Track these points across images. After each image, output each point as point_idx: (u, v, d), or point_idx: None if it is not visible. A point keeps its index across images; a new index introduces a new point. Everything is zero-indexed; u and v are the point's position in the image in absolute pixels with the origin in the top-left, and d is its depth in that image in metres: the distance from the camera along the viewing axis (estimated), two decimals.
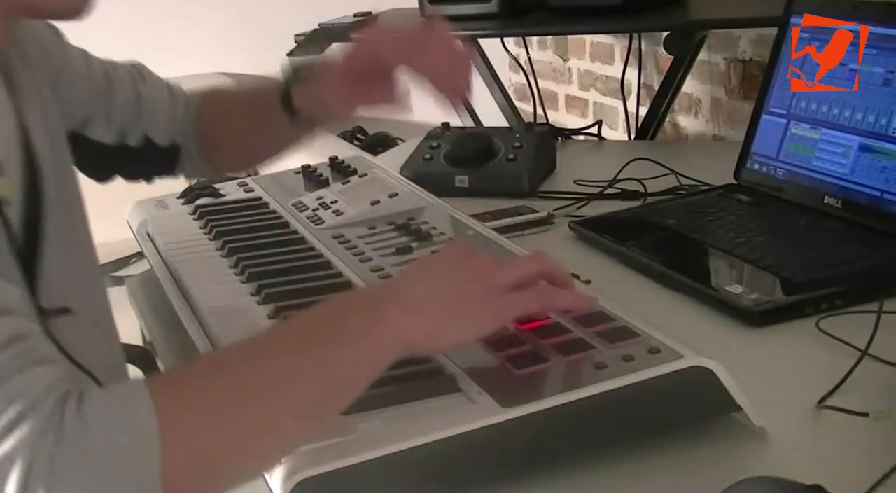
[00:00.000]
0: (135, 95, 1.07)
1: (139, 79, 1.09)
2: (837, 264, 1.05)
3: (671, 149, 1.94)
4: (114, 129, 1.05)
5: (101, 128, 1.04)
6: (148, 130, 1.08)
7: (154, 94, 1.09)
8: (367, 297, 0.76)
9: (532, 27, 2.09)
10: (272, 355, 0.67)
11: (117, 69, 1.07)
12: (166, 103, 1.10)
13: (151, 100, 1.08)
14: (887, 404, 0.79)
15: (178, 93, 1.12)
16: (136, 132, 1.07)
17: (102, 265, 0.91)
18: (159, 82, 1.11)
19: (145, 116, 1.07)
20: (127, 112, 1.06)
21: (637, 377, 0.73)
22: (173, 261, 1.11)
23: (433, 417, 0.71)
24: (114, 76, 1.06)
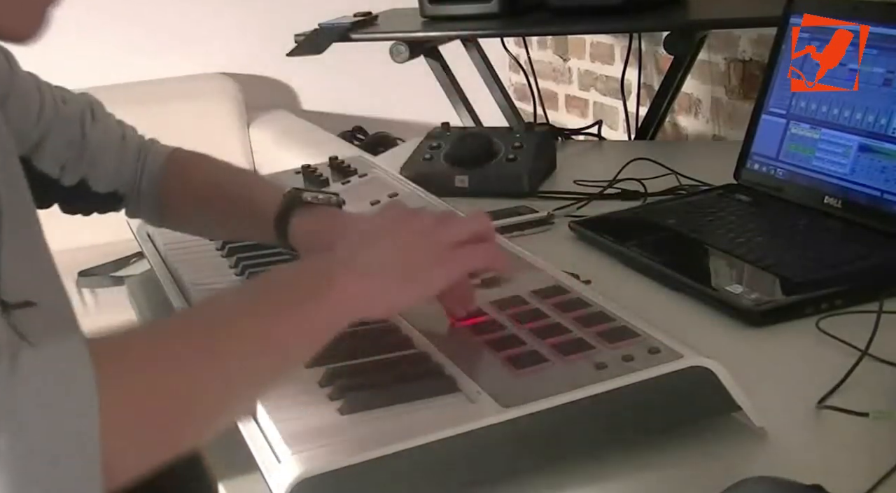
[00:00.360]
0: (79, 135, 1.02)
1: (89, 119, 1.04)
2: (837, 264, 1.05)
3: (671, 149, 1.94)
4: (56, 163, 1.01)
5: (46, 159, 1.00)
6: (87, 174, 1.03)
7: (101, 138, 1.04)
8: (317, 266, 0.75)
9: (532, 27, 2.09)
10: (219, 319, 0.67)
11: (67, 103, 1.03)
12: (112, 151, 1.05)
13: (97, 144, 1.03)
14: (887, 404, 0.79)
15: (130, 141, 1.07)
16: (73, 173, 1.02)
17: (102, 265, 0.92)
18: (111, 126, 1.07)
19: (86, 159, 1.03)
20: (68, 150, 1.02)
21: (637, 377, 0.73)
22: (173, 261, 1.11)
23: (433, 417, 0.71)
24: (62, 110, 1.02)
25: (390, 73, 2.25)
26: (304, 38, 1.94)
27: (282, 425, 0.72)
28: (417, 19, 1.96)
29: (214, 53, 3.10)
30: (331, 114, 3.22)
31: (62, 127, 1.01)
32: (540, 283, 0.91)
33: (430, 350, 0.81)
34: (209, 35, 3.08)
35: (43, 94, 1.01)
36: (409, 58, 1.92)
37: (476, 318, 0.85)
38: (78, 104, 1.05)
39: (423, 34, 1.95)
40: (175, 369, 0.62)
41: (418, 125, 2.27)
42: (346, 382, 0.76)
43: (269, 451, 0.70)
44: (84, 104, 1.05)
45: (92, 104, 1.06)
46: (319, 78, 3.14)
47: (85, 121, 1.04)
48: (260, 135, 2.98)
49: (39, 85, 1.01)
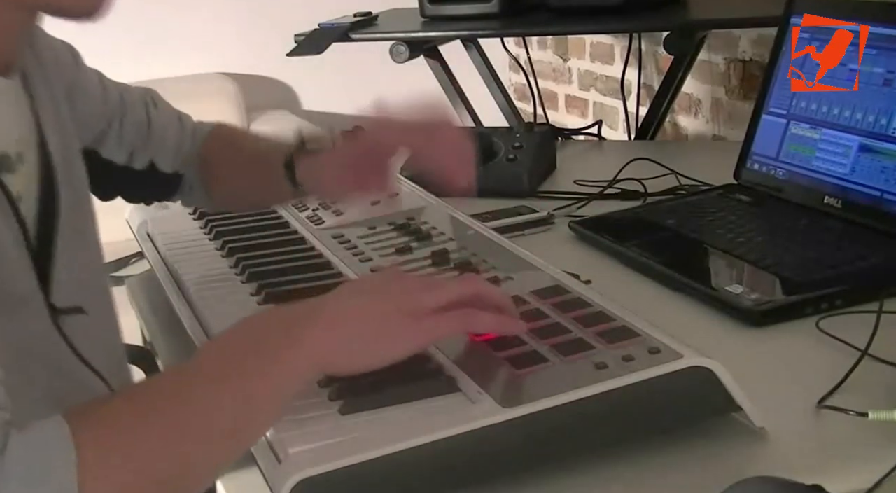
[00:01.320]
0: (146, 119, 1.07)
1: (151, 104, 1.09)
2: (837, 264, 1.05)
3: (671, 149, 1.94)
4: (124, 150, 1.05)
5: (113, 147, 1.04)
6: (155, 156, 1.08)
7: (164, 121, 1.09)
8: (286, 317, 0.74)
9: (532, 27, 2.09)
10: (192, 388, 0.68)
11: (131, 92, 1.07)
12: (175, 132, 1.09)
13: (161, 127, 1.08)
14: (887, 405, 0.79)
15: (186, 123, 1.12)
16: (142, 157, 1.07)
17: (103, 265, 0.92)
18: (170, 111, 1.11)
19: (154, 142, 1.07)
20: (137, 135, 1.06)
21: (637, 377, 0.73)
22: (173, 261, 1.11)
23: (433, 417, 0.71)
24: (127, 98, 1.06)
25: (390, 73, 2.25)
26: (304, 38, 1.94)
27: (282, 425, 0.72)
28: (417, 19, 1.96)
29: (214, 53, 3.10)
30: (331, 114, 3.22)
31: (130, 113, 1.05)
32: (540, 283, 0.91)
33: (430, 350, 0.81)
34: (209, 35, 3.08)
35: (106, 86, 1.04)
36: (409, 58, 1.92)
37: None
38: (140, 92, 1.09)
39: (423, 34, 1.95)
40: (152, 447, 0.64)
41: None
42: (346, 382, 0.76)
43: (269, 451, 0.70)
44: (145, 92, 1.10)
45: (151, 92, 1.11)
46: (319, 78, 3.14)
47: (149, 106, 1.08)
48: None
49: (102, 78, 1.05)
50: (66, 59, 0.98)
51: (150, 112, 1.08)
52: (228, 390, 0.67)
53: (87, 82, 1.02)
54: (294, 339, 0.70)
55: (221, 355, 0.71)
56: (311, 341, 0.70)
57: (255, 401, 0.68)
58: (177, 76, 3.01)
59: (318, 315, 0.72)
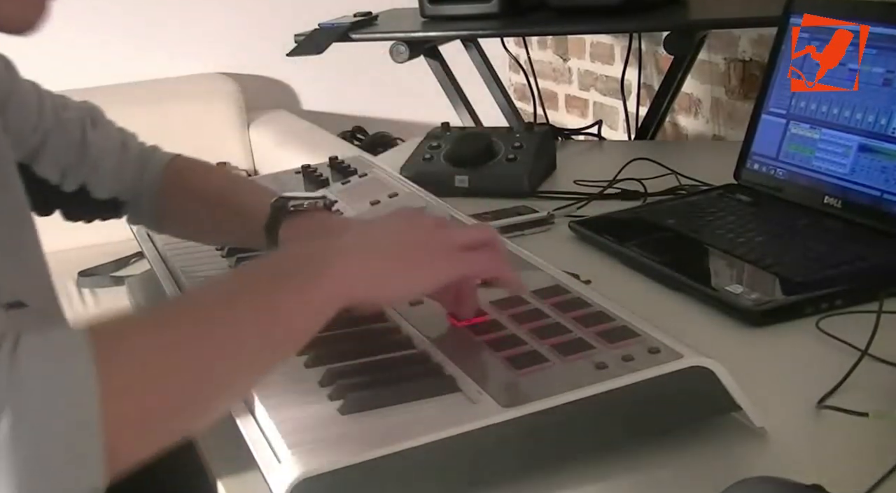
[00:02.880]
0: (80, 140, 1.03)
1: (89, 125, 1.04)
2: (837, 264, 1.05)
3: (671, 149, 1.94)
4: (56, 169, 1.02)
5: (46, 165, 1.01)
6: (86, 179, 1.03)
7: (102, 144, 1.04)
8: (317, 246, 0.75)
9: (532, 27, 2.09)
10: (216, 304, 0.66)
11: (68, 109, 1.04)
12: (112, 157, 1.05)
13: (97, 150, 1.04)
14: (887, 405, 0.79)
15: (132, 148, 1.07)
16: (73, 179, 1.03)
17: (102, 265, 0.92)
18: (111, 133, 1.07)
19: (87, 165, 1.03)
20: (69, 156, 1.02)
21: (637, 377, 0.73)
22: (173, 261, 1.11)
23: (433, 417, 0.71)
24: (63, 115, 1.02)
25: (390, 73, 2.25)
26: (304, 38, 1.94)
27: (282, 425, 0.72)
28: (417, 19, 1.97)
29: (214, 53, 3.10)
30: (331, 114, 3.22)
31: (63, 132, 1.02)
32: (540, 283, 0.91)
33: (430, 350, 0.81)
34: (209, 35, 3.09)
35: (42, 100, 1.01)
36: (409, 58, 1.92)
37: (476, 318, 0.85)
38: (78, 111, 1.05)
39: (423, 34, 1.95)
40: (175, 352, 0.62)
41: (418, 125, 2.27)
42: (346, 382, 0.76)
43: (269, 451, 0.70)
44: (84, 111, 1.06)
45: (92, 111, 1.07)
46: (319, 78, 3.14)
47: (85, 126, 1.04)
48: (260, 135, 2.98)
49: (39, 92, 1.02)
50: (0, 73, 0.96)
51: (87, 133, 1.03)
52: (258, 307, 0.66)
53: (21, 94, 0.99)
54: (325, 266, 0.70)
55: (250, 275, 0.70)
56: (343, 268, 0.70)
57: (282, 320, 0.67)
58: (177, 76, 3.02)
59: (349, 245, 0.72)
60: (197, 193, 1.07)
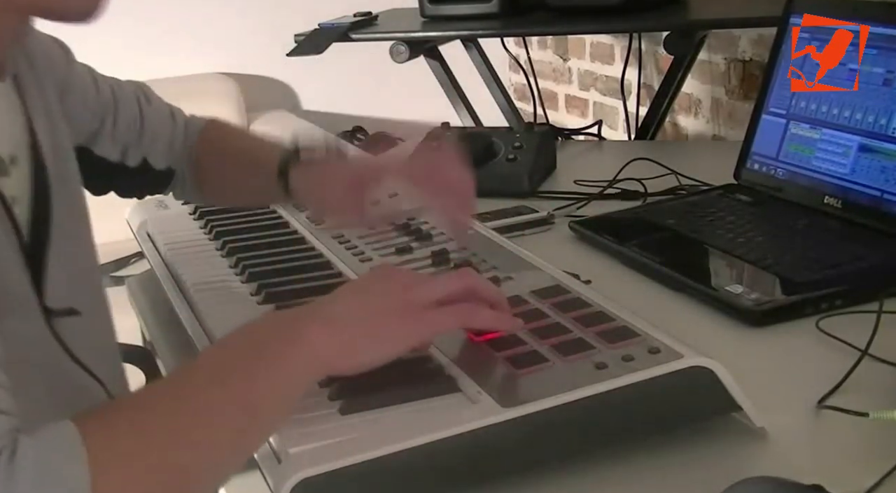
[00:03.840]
0: (138, 116, 1.06)
1: (144, 100, 1.08)
2: (837, 264, 1.05)
3: (671, 149, 1.94)
4: (117, 147, 1.04)
5: (106, 144, 1.03)
6: (147, 152, 1.06)
7: (156, 117, 1.08)
8: (286, 318, 0.75)
9: (532, 27, 2.09)
10: (195, 391, 0.67)
11: (122, 88, 1.06)
12: (167, 128, 1.08)
13: (154, 123, 1.07)
14: (887, 405, 0.79)
15: (178, 118, 1.11)
16: (135, 153, 1.06)
17: (102, 265, 0.92)
18: (162, 106, 1.10)
19: (147, 138, 1.06)
20: (130, 133, 1.05)
21: (637, 377, 0.73)
22: (173, 261, 1.11)
23: (433, 417, 0.71)
24: (119, 94, 1.05)
25: (390, 73, 2.25)
26: (304, 38, 1.94)
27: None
28: (417, 19, 1.97)
29: (214, 53, 3.10)
30: (331, 114, 3.22)
31: (122, 110, 1.04)
32: (540, 283, 0.91)
33: (430, 351, 0.81)
34: (209, 35, 3.08)
35: (98, 82, 1.03)
36: (409, 58, 1.92)
37: None
38: (132, 88, 1.08)
39: (423, 34, 1.95)
40: (159, 448, 0.63)
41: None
42: (346, 382, 0.76)
43: (269, 451, 0.70)
44: (136, 87, 1.09)
45: (142, 87, 1.10)
46: (319, 78, 3.14)
47: (141, 102, 1.07)
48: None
49: (94, 74, 1.04)
50: (58, 58, 0.97)
51: (143, 108, 1.07)
52: (230, 393, 0.67)
53: (79, 80, 1.01)
54: (295, 340, 0.70)
55: (222, 358, 0.71)
56: (312, 341, 0.70)
57: (258, 403, 0.68)
58: (177, 76, 3.01)
59: (316, 316, 0.72)
60: (225, 154, 1.10)
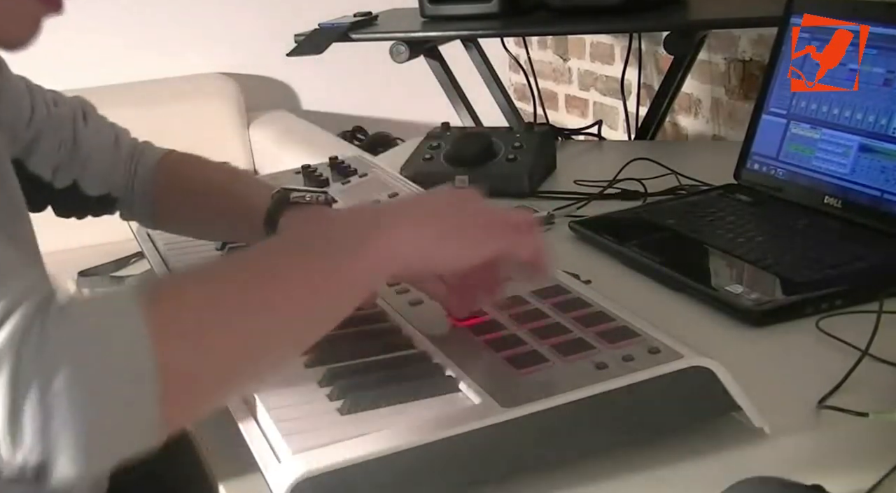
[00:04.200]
0: (71, 137, 1.02)
1: (81, 121, 1.03)
2: (837, 264, 1.05)
3: (671, 149, 1.94)
4: (48, 166, 1.01)
5: (38, 161, 1.00)
6: (78, 176, 1.03)
7: (94, 141, 1.04)
8: (369, 210, 0.76)
9: (532, 27, 2.09)
10: (268, 266, 0.66)
11: (59, 104, 1.03)
12: (105, 154, 1.04)
13: (89, 147, 1.03)
14: (887, 404, 0.79)
15: (123, 143, 1.07)
16: (65, 175, 1.02)
17: (102, 265, 0.91)
18: (104, 130, 1.06)
19: (79, 161, 1.02)
20: (60, 153, 1.01)
21: (637, 377, 0.73)
22: (173, 261, 1.11)
23: (433, 417, 0.71)
24: (54, 111, 1.01)
25: (390, 73, 2.25)
26: (304, 38, 1.94)
27: (282, 425, 0.72)
28: (417, 19, 1.96)
29: (214, 53, 3.10)
30: (331, 114, 3.22)
31: (54, 128, 1.01)
32: (540, 283, 0.91)
33: (430, 350, 0.81)
34: (209, 35, 3.08)
35: (34, 95, 1.00)
36: (409, 58, 1.92)
37: (476, 318, 0.85)
38: (70, 106, 1.04)
39: (423, 34, 1.95)
40: (225, 321, 0.62)
41: (418, 125, 2.27)
42: (346, 382, 0.76)
43: (269, 451, 0.70)
44: (76, 106, 1.05)
45: (84, 106, 1.06)
46: (319, 78, 3.14)
47: (77, 122, 1.03)
48: (260, 135, 2.98)
49: (30, 87, 1.01)
50: None
51: (78, 130, 1.03)
52: (312, 265, 0.66)
53: (12, 91, 0.98)
54: (378, 228, 0.70)
55: (303, 238, 0.71)
56: (396, 234, 0.70)
57: (337, 280, 0.67)
58: (177, 76, 3.01)
59: (401, 212, 0.73)
60: (194, 186, 1.07)
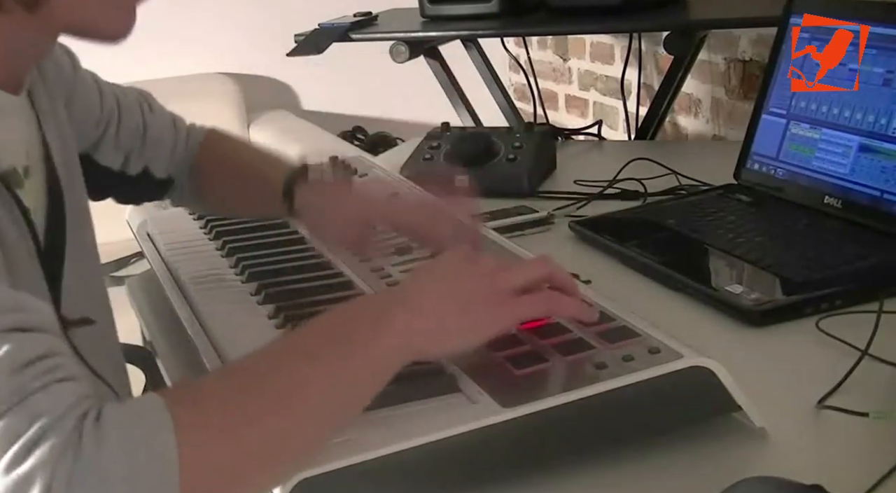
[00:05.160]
0: (141, 124, 1.06)
1: (147, 108, 1.07)
2: (837, 264, 1.05)
3: (671, 149, 1.94)
4: (119, 155, 1.04)
5: (108, 152, 1.03)
6: (149, 161, 1.06)
7: (159, 125, 1.08)
8: (375, 303, 0.76)
9: (532, 27, 2.09)
10: (284, 367, 0.67)
11: (126, 96, 1.06)
12: (169, 136, 1.08)
13: (156, 131, 1.07)
14: (887, 404, 0.79)
15: (180, 127, 1.11)
16: (137, 162, 1.06)
17: (102, 265, 0.92)
18: (164, 114, 1.10)
19: (149, 146, 1.06)
20: (132, 141, 1.05)
21: (637, 377, 0.73)
22: (173, 261, 1.11)
23: (433, 417, 0.71)
24: (123, 102, 1.05)
25: (390, 73, 2.25)
26: (304, 38, 1.94)
27: None
28: (417, 19, 1.96)
29: (214, 53, 3.10)
30: (331, 114, 3.22)
31: (126, 118, 1.04)
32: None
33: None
34: (209, 35, 3.08)
35: (102, 89, 1.03)
36: (409, 58, 1.92)
37: None
38: (135, 95, 1.08)
39: (423, 34, 1.95)
40: (246, 422, 0.63)
41: (418, 125, 2.26)
42: None
43: None
44: (140, 95, 1.08)
45: (146, 95, 1.10)
46: (319, 78, 3.14)
47: (144, 110, 1.07)
48: (260, 135, 2.98)
49: (98, 81, 1.04)
50: (66, 67, 0.97)
51: (146, 117, 1.06)
52: (323, 368, 0.67)
53: (84, 87, 1.01)
54: (387, 323, 0.70)
55: (314, 336, 0.71)
56: (404, 326, 0.70)
57: (349, 380, 0.68)
58: (177, 76, 3.01)
59: (406, 303, 0.72)
60: (228, 165, 1.10)
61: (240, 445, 0.62)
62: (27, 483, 0.55)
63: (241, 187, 1.09)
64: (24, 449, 0.56)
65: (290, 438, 0.65)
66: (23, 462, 0.56)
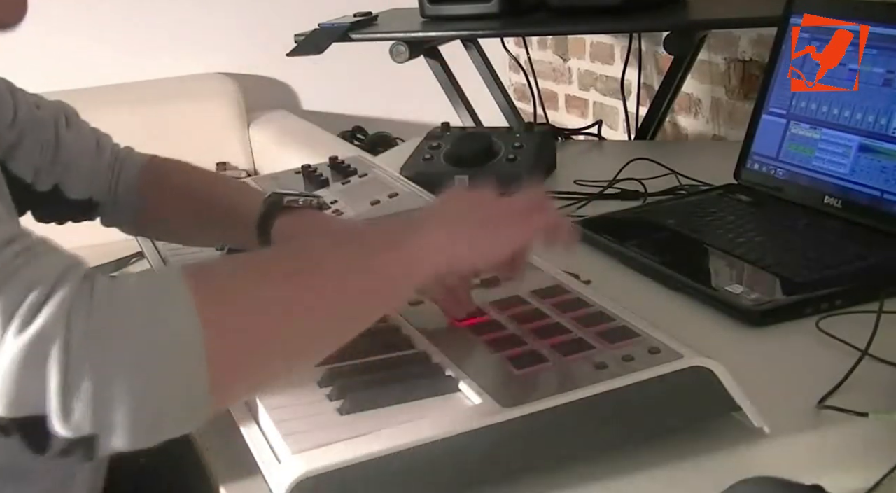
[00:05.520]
0: (53, 140, 1.01)
1: (63, 124, 1.03)
2: (837, 264, 1.05)
3: (671, 149, 1.94)
4: (30, 168, 1.00)
5: (20, 163, 0.99)
6: (61, 179, 1.02)
7: (76, 145, 1.03)
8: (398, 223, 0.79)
9: (532, 27, 2.09)
10: (313, 258, 0.68)
11: (42, 109, 1.02)
12: (87, 156, 1.03)
13: (71, 150, 1.02)
14: (887, 405, 0.79)
15: (105, 148, 1.06)
16: (47, 178, 1.01)
17: (102, 265, 0.91)
18: (86, 133, 1.05)
19: (60, 165, 1.01)
20: (42, 156, 1.00)
21: (637, 377, 0.73)
22: (173, 261, 1.11)
23: (433, 417, 0.71)
24: (36, 115, 1.01)
25: (390, 73, 2.24)
26: (304, 38, 1.94)
27: (282, 425, 0.72)
28: (417, 19, 1.96)
29: (214, 53, 3.10)
30: (331, 114, 3.22)
31: (36, 131, 1.00)
32: (540, 283, 0.91)
33: (430, 350, 0.81)
34: (209, 35, 3.08)
35: (16, 97, 1.00)
36: (409, 58, 1.92)
37: (476, 318, 0.85)
38: (52, 110, 1.04)
39: (423, 34, 1.95)
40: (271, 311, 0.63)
41: (418, 125, 2.26)
42: (346, 382, 0.76)
43: (269, 451, 0.70)
44: (58, 110, 1.04)
45: (66, 110, 1.05)
46: (319, 78, 3.14)
47: (59, 125, 1.03)
48: (260, 135, 2.98)
49: (12, 89, 1.01)
50: None
51: (60, 133, 1.02)
52: (357, 259, 0.69)
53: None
54: (415, 234, 0.72)
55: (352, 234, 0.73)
56: (438, 235, 0.73)
57: (381, 275, 0.69)
58: (177, 76, 3.01)
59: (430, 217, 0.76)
60: (180, 191, 1.07)
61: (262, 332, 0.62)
62: (43, 343, 0.54)
63: (202, 216, 1.05)
64: (29, 313, 0.55)
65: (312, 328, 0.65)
66: (31, 324, 0.54)
